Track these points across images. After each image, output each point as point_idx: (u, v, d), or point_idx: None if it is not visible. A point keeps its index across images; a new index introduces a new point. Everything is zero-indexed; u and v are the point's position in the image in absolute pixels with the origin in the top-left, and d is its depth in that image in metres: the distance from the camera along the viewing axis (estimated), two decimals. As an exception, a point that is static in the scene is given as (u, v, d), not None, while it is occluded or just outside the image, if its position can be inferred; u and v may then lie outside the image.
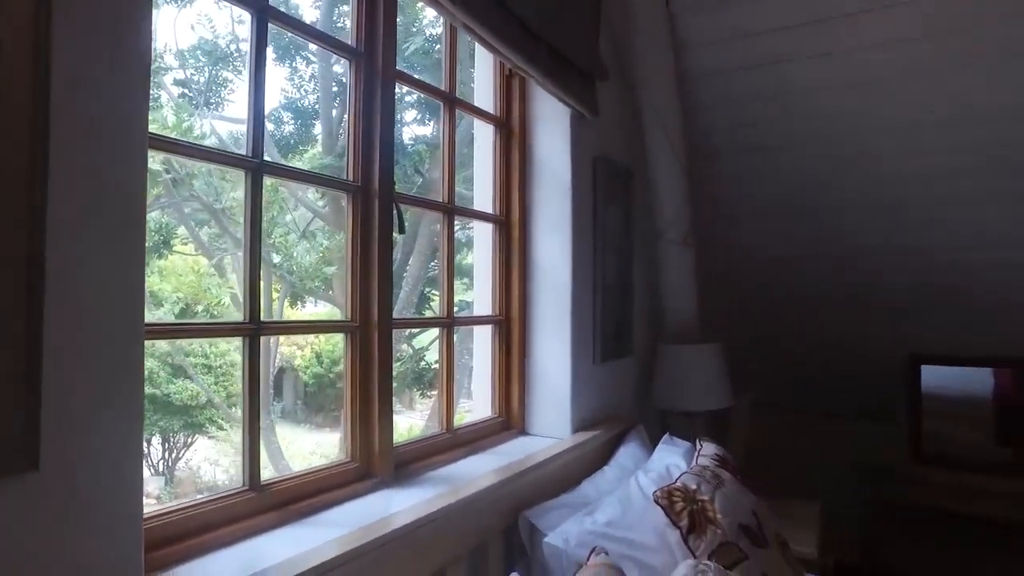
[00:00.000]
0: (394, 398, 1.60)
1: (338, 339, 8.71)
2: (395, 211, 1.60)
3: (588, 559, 1.14)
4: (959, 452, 2.94)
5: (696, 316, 2.72)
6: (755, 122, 2.55)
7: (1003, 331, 2.77)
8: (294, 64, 5.35)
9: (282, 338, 6.70)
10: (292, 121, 5.43)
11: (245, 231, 1.28)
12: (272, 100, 5.39)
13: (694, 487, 1.55)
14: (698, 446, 1.88)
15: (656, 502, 1.47)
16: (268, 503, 1.29)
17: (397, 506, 1.39)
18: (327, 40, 1.51)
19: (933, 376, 3.03)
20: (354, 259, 1.54)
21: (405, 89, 1.58)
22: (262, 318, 1.31)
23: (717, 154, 2.68)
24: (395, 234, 1.61)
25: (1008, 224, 2.46)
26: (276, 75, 5.45)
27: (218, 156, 1.36)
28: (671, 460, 1.93)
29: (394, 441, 1.59)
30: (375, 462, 1.53)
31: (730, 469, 1.73)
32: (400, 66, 1.60)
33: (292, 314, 6.28)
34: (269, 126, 5.30)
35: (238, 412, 7.01)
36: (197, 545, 1.13)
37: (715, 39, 2.38)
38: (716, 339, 2.68)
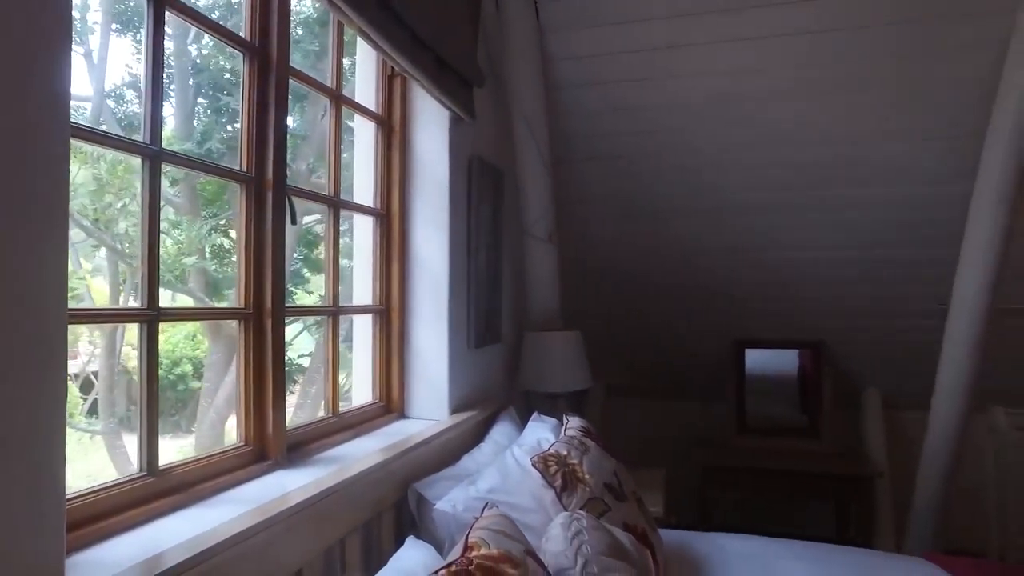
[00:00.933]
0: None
1: (179, 338, 8.11)
2: (287, 203, 1.66)
3: (482, 513, 1.30)
4: (772, 421, 3.49)
5: (558, 306, 2.98)
6: (610, 132, 2.85)
7: (807, 318, 3.32)
8: (138, 37, 4.90)
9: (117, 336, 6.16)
10: (137, 100, 5.00)
11: (143, 218, 1.29)
12: (113, 76, 4.95)
13: (565, 453, 1.76)
14: (565, 420, 2.11)
15: (533, 466, 1.66)
16: (166, 487, 1.31)
17: (294, 484, 1.46)
18: (222, 32, 1.53)
19: (754, 359, 3.55)
20: (247, 248, 1.57)
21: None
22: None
23: (578, 159, 2.95)
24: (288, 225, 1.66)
25: (814, 230, 2.96)
26: (119, 47, 4.98)
27: (117, 142, 1.35)
28: (541, 434, 2.14)
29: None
30: (269, 445, 1.58)
31: (593, 438, 1.97)
32: (292, 62, 1.65)
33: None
34: (110, 103, 4.86)
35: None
36: (97, 531, 1.14)
37: (578, 55, 2.64)
38: (576, 327, 2.95)
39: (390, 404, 2.23)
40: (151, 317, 1.30)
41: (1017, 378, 3.16)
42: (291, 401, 6.85)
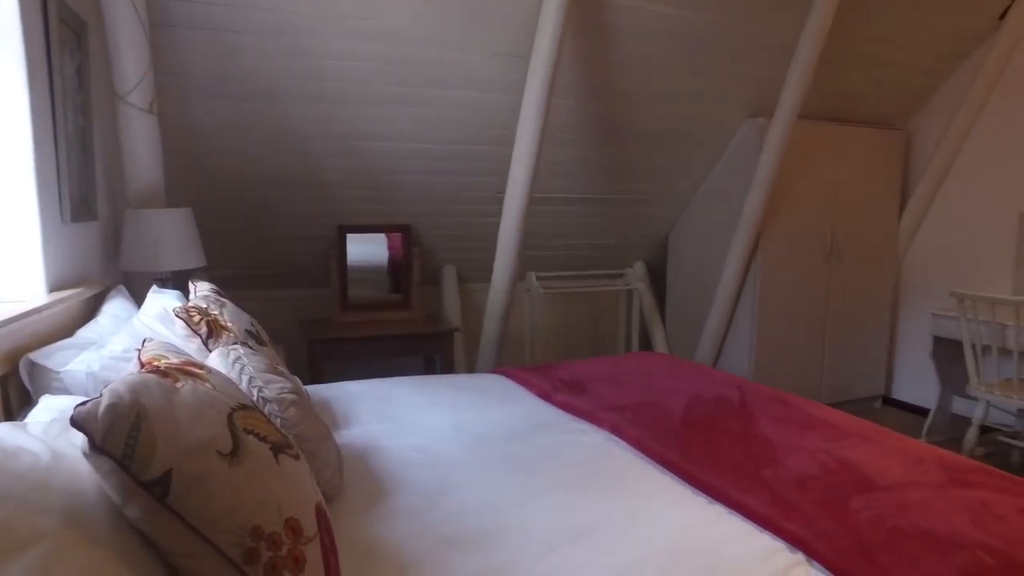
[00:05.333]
0: None
1: None
2: None
3: (143, 344, 1.31)
4: (370, 299, 3.96)
5: (161, 183, 2.79)
6: (210, 1, 2.71)
7: (398, 205, 3.81)
8: None
9: None
10: None
11: None
12: None
13: (205, 306, 1.82)
14: (192, 286, 2.12)
15: (177, 316, 1.69)
16: None
17: None
18: None
19: (353, 243, 3.91)
20: None
21: None
22: None
23: (182, 25, 2.73)
24: None
25: (403, 124, 3.38)
26: None
27: None
28: (166, 303, 2.10)
29: None
30: None
31: (227, 297, 2.05)
32: None
33: None
34: None
35: None
36: None
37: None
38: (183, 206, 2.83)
39: (-40, 285, 1.87)
40: None
41: (542, 250, 4.27)
42: None
